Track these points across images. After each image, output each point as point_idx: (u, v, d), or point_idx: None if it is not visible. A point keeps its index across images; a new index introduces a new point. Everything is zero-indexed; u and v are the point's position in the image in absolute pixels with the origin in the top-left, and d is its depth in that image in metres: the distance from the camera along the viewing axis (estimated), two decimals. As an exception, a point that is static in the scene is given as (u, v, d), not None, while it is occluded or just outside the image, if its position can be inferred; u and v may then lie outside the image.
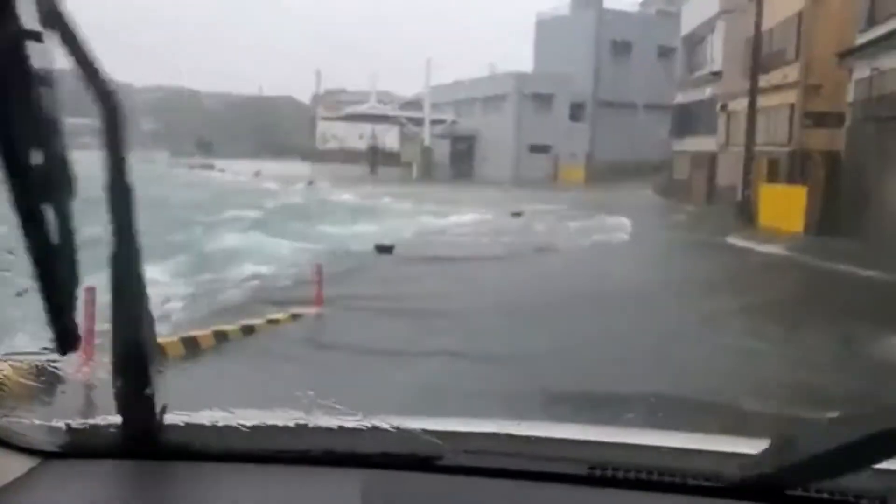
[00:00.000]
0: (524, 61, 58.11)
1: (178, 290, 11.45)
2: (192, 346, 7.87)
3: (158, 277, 11.34)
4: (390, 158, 64.11)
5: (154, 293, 1.37)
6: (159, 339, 7.89)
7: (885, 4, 19.17)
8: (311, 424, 1.48)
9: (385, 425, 1.44)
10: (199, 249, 16.11)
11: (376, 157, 60.33)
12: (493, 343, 8.52)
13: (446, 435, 1.42)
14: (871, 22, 19.96)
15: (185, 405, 1.49)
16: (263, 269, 13.96)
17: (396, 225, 22.63)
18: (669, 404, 3.74)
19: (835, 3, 22.57)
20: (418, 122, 54.73)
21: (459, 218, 25.24)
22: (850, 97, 21.26)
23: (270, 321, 9.23)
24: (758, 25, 23.73)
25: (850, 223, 19.36)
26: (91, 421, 1.51)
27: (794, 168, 23.30)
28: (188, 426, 1.47)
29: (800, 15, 23.67)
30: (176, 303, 10.35)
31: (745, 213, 23.42)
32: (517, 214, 26.32)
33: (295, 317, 9.61)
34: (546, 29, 55.55)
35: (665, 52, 47.81)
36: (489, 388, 6.25)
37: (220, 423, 1.48)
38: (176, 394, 1.44)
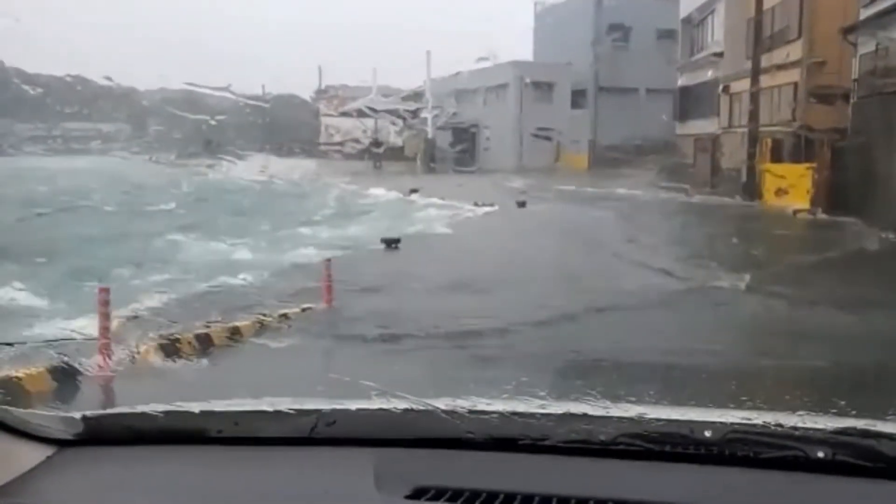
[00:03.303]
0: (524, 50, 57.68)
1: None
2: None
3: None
4: (395, 152, 63.95)
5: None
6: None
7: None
8: (325, 407, 1.51)
9: (400, 406, 1.48)
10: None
11: (379, 152, 60.28)
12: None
13: (460, 414, 1.45)
14: (875, -5, 19.82)
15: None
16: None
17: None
18: None
19: (837, -22, 22.39)
20: (420, 114, 54.73)
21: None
22: (855, 73, 21.12)
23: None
24: (759, 4, 23.61)
25: (858, 201, 19.24)
26: (106, 410, 1.58)
27: (798, 147, 23.19)
28: (201, 413, 1.52)
29: (801, -9, 23.55)
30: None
31: (750, 194, 23.33)
32: (521, 204, 26.41)
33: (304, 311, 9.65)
34: (545, 17, 55.40)
35: (665, 35, 47.56)
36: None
37: (233, 409, 1.53)
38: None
